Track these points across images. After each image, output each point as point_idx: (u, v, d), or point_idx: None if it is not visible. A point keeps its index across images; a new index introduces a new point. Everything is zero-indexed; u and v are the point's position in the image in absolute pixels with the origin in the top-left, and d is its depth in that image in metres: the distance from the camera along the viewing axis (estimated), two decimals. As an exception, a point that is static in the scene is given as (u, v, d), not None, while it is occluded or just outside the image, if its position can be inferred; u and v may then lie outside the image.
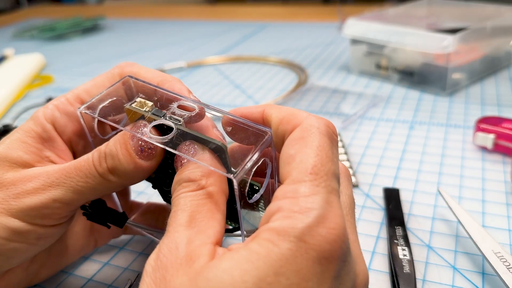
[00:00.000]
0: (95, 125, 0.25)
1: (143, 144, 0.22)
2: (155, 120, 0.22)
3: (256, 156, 0.20)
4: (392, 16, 0.65)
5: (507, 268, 0.25)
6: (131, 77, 0.25)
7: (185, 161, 0.21)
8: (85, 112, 0.24)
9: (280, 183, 0.19)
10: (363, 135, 0.46)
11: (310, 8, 1.16)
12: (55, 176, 0.22)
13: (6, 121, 0.54)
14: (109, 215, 0.26)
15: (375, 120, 0.49)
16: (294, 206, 0.17)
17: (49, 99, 0.57)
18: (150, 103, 0.23)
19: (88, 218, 0.26)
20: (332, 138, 0.19)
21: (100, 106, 0.24)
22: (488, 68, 0.59)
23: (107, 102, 0.25)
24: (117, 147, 0.22)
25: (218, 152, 0.21)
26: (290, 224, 0.16)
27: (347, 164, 0.39)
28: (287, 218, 0.17)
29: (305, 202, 0.17)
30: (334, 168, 0.19)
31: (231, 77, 0.65)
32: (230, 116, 0.22)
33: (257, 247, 0.16)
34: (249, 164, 0.20)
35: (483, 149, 0.41)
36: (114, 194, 0.27)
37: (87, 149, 0.26)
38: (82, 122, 0.25)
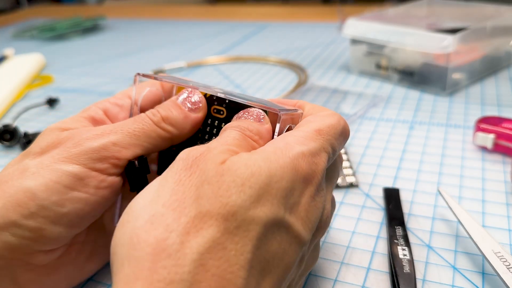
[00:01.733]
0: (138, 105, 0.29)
1: (188, 100, 0.27)
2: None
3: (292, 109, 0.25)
4: (392, 16, 0.65)
5: (507, 268, 0.25)
6: (139, 74, 0.28)
7: (245, 114, 0.25)
8: (143, 75, 0.28)
9: None
10: (363, 135, 0.46)
11: (310, 8, 1.16)
12: (112, 126, 0.25)
13: (6, 121, 0.54)
14: (144, 180, 0.26)
15: (375, 120, 0.49)
16: (293, 139, 0.22)
17: (49, 99, 0.57)
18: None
19: (128, 173, 0.25)
20: (344, 130, 0.25)
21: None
22: (488, 68, 0.59)
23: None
24: (169, 104, 0.26)
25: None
26: (288, 146, 0.21)
27: (347, 164, 0.39)
28: (286, 143, 0.21)
29: (303, 140, 0.22)
30: (334, 142, 0.23)
31: (231, 77, 0.65)
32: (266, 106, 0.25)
33: (266, 155, 0.20)
34: (289, 111, 0.24)
35: (483, 149, 0.41)
36: (119, 200, 0.27)
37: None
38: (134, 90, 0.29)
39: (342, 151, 0.41)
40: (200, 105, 0.27)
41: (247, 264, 0.17)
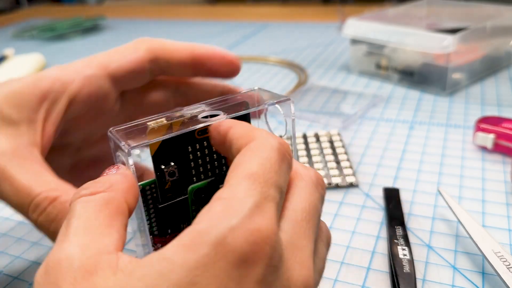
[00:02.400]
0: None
1: None
2: (182, 122, 0.23)
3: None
4: (392, 16, 0.65)
5: (507, 268, 0.25)
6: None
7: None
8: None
9: None
10: (363, 135, 0.46)
11: (310, 8, 1.16)
12: None
13: (6, 121, 0.54)
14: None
15: (375, 120, 0.49)
16: (224, 207, 0.16)
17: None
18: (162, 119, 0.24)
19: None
20: (284, 155, 0.19)
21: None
22: (488, 68, 0.59)
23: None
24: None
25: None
26: (213, 225, 0.15)
27: (347, 164, 0.39)
28: (212, 220, 0.16)
29: (236, 204, 0.16)
30: (278, 180, 0.18)
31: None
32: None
33: (173, 256, 0.15)
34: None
35: (483, 149, 0.41)
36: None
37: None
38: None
39: (342, 150, 0.41)
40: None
41: None
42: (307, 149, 0.42)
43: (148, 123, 0.23)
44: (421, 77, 0.56)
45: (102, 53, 0.28)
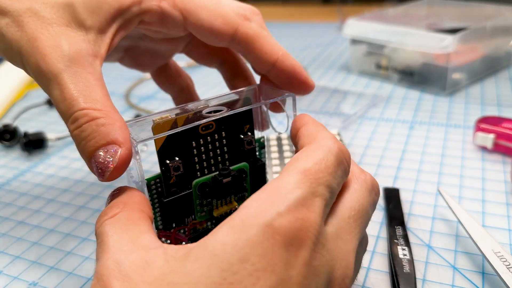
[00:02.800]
0: None
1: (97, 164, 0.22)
2: (187, 117, 0.24)
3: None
4: (392, 16, 0.65)
5: (507, 268, 0.25)
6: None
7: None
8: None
9: None
10: (363, 135, 0.46)
11: (310, 8, 1.16)
12: None
13: (6, 121, 0.54)
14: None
15: (375, 120, 0.49)
16: (273, 195, 0.17)
17: (49, 99, 0.57)
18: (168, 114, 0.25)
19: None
20: (341, 160, 0.20)
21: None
22: (488, 68, 0.59)
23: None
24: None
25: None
26: (261, 210, 0.17)
27: (347, 164, 0.39)
28: (262, 205, 0.17)
29: (284, 193, 0.17)
30: (330, 180, 0.19)
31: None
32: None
33: (223, 238, 0.16)
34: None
35: (483, 149, 0.41)
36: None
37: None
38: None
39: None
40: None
41: None
42: (307, 149, 0.42)
43: (154, 119, 0.23)
44: (421, 77, 0.56)
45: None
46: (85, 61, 0.22)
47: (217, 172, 0.26)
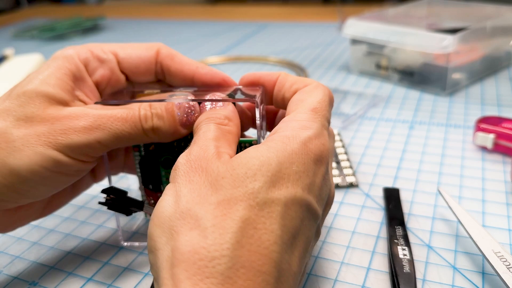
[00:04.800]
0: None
1: (187, 115, 0.26)
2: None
3: (260, 91, 0.27)
4: (392, 16, 0.65)
5: (507, 268, 0.25)
6: (100, 102, 0.28)
7: (211, 106, 0.26)
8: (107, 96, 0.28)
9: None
10: (363, 135, 0.46)
11: (310, 8, 1.16)
12: (101, 120, 0.25)
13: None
14: (129, 203, 0.28)
15: (375, 120, 0.49)
16: (299, 125, 0.23)
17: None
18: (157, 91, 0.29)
19: (110, 206, 0.27)
20: (331, 99, 0.26)
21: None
22: (488, 68, 0.59)
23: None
24: (164, 112, 0.26)
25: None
26: (297, 133, 0.22)
27: (347, 164, 0.39)
28: (294, 130, 0.23)
29: (307, 123, 0.23)
30: (328, 115, 0.25)
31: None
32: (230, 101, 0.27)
33: (274, 144, 0.21)
34: (259, 94, 0.27)
35: (483, 149, 0.41)
36: (106, 161, 0.29)
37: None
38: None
39: (342, 150, 0.42)
40: (192, 123, 0.27)
41: (278, 239, 0.19)
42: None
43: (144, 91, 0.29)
44: (421, 77, 0.56)
45: (116, 43, 0.29)
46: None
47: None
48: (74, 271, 0.30)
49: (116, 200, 0.27)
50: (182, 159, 0.22)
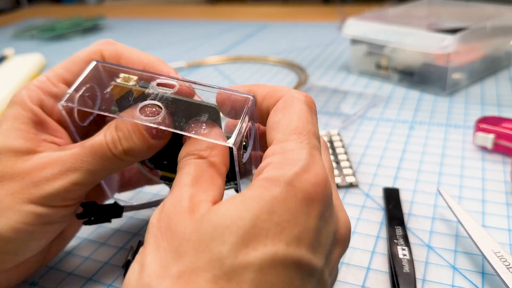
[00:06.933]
0: (75, 115, 0.26)
1: (152, 125, 0.23)
2: (143, 92, 0.23)
3: (246, 120, 0.22)
4: (392, 16, 0.65)
5: (507, 268, 0.25)
6: (99, 62, 0.26)
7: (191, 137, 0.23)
8: (67, 105, 0.25)
9: (266, 148, 0.21)
10: (363, 135, 0.46)
11: (310, 8, 1.16)
12: (70, 161, 0.23)
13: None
14: (105, 212, 0.27)
15: (375, 120, 0.49)
16: (283, 159, 0.19)
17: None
18: (135, 77, 0.24)
19: (87, 223, 0.27)
20: (311, 106, 0.22)
21: (78, 96, 0.25)
22: (488, 68, 0.59)
23: (83, 90, 0.25)
24: (130, 130, 0.23)
25: (213, 113, 0.23)
26: (280, 172, 0.18)
27: (346, 164, 0.39)
28: (277, 169, 0.19)
29: (292, 155, 0.19)
30: (314, 130, 0.21)
31: (231, 77, 0.65)
32: (220, 90, 0.23)
33: (251, 193, 0.18)
34: (243, 128, 0.22)
35: (483, 149, 0.41)
36: (103, 182, 0.28)
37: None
38: (65, 115, 0.25)
39: (342, 150, 0.41)
40: (165, 132, 0.24)
41: None
42: (307, 149, 0.42)
43: (117, 79, 0.24)
44: (421, 77, 0.56)
45: (61, 64, 0.28)
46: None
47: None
48: (74, 271, 0.30)
49: (89, 215, 0.27)
50: (154, 218, 0.20)
